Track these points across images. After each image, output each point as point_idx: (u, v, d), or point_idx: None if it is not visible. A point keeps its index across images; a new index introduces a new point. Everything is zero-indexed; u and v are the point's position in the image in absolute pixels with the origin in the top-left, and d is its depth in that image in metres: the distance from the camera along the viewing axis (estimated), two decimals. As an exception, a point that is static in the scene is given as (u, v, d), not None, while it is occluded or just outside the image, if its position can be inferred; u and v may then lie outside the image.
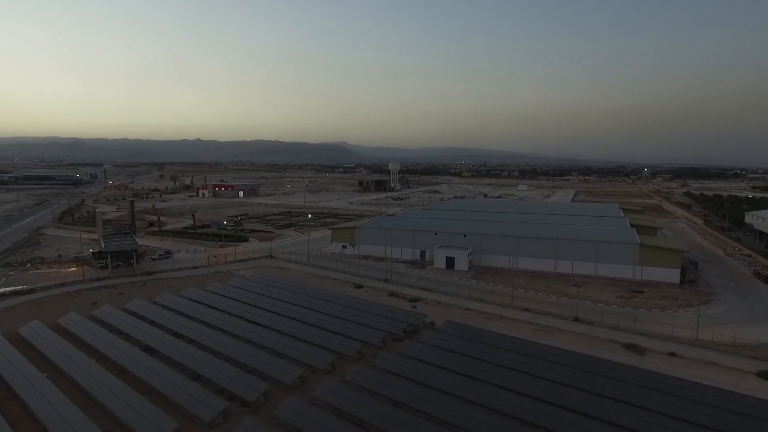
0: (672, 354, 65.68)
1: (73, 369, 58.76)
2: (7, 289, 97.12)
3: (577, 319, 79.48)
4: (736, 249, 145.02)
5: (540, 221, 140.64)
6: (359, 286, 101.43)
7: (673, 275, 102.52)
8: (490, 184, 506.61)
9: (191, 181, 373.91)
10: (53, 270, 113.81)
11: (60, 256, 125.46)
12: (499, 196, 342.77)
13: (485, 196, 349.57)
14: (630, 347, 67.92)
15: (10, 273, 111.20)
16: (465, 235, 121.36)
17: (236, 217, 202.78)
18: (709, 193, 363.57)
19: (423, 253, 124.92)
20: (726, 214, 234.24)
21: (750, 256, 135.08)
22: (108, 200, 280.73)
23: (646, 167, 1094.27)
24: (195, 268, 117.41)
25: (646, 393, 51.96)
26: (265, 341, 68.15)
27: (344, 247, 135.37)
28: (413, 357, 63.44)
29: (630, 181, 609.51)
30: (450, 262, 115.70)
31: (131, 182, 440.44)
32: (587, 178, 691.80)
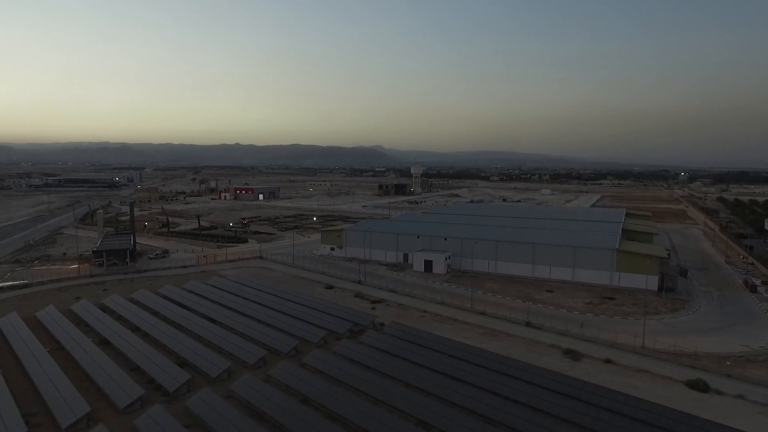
0: (608, 361, 64.76)
1: (26, 357, 63.73)
2: (6, 283, 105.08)
3: (528, 324, 79.12)
4: (741, 257, 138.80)
5: (530, 226, 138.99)
6: (330, 287, 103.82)
7: (651, 282, 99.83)
8: (515, 188, 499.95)
9: (216, 184, 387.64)
10: (56, 267, 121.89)
11: (64, 254, 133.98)
12: (519, 201, 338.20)
13: (504, 200, 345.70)
14: (568, 353, 67.32)
15: (17, 269, 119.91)
16: (446, 239, 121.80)
17: (244, 219, 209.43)
18: (745, 198, 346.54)
19: (406, 256, 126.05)
20: (750, 220, 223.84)
21: (752, 264, 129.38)
22: (133, 202, 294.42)
23: (689, 171, 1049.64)
24: (184, 267, 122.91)
25: (549, 396, 51.94)
26: (211, 336, 71.56)
27: (332, 249, 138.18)
28: (345, 356, 65.31)
29: (666, 186, 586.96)
30: (428, 266, 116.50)
31: (162, 185, 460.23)
32: (621, 182, 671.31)
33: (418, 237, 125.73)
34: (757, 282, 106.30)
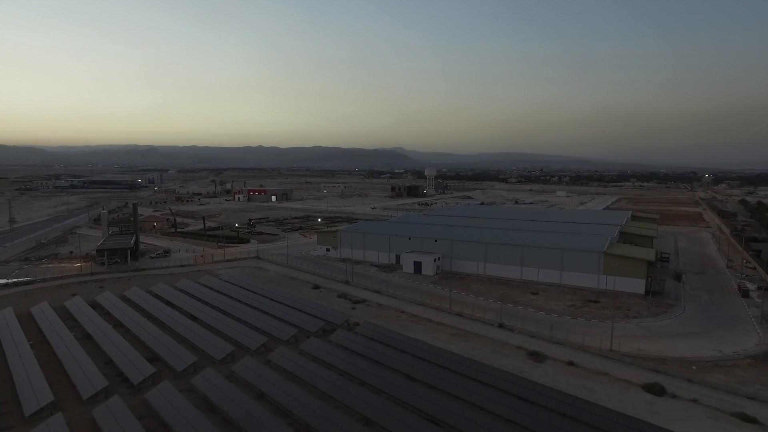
0: (570, 363, 64.65)
1: (10, 349, 67.26)
2: (12, 280, 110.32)
3: (501, 326, 79.32)
4: (744, 261, 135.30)
5: (525, 228, 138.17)
6: (317, 287, 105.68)
7: (637, 286, 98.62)
8: (530, 190, 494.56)
9: (231, 185, 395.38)
10: (62, 265, 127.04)
11: (71, 252, 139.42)
12: (531, 203, 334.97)
13: (516, 202, 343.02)
14: (533, 355, 67.46)
15: (25, 266, 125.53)
16: (436, 240, 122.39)
17: (251, 220, 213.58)
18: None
19: (398, 258, 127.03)
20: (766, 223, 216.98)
21: (754, 268, 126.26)
22: (151, 203, 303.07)
23: (720, 172, 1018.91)
24: (182, 266, 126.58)
25: (497, 396, 52.48)
26: (187, 333, 74.08)
27: (328, 250, 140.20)
28: (310, 354, 66.95)
29: (689, 188, 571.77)
30: (417, 267, 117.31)
31: (180, 187, 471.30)
32: (643, 184, 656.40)
33: (409, 238, 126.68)
34: (752, 287, 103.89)
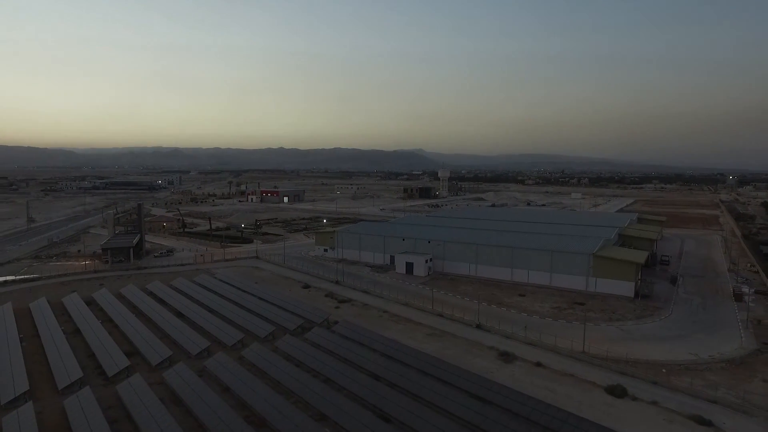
0: (538, 364, 64.82)
1: (1, 342, 70.86)
2: (18, 277, 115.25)
3: (479, 326, 79.74)
4: (750, 265, 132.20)
5: (520, 230, 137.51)
6: (307, 287, 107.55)
7: (626, 288, 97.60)
8: (546, 192, 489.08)
9: (245, 187, 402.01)
10: (68, 263, 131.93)
11: (79, 251, 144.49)
12: (543, 205, 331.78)
13: (528, 204, 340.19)
14: (503, 355, 67.82)
15: (34, 264, 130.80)
16: (429, 242, 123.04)
17: (258, 221, 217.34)
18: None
19: (392, 258, 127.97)
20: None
21: (758, 272, 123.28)
22: (166, 204, 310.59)
23: (750, 174, 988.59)
24: (182, 265, 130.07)
25: (453, 394, 53.19)
26: (170, 329, 76.63)
27: (325, 250, 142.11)
28: (283, 351, 68.75)
29: (712, 190, 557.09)
30: (409, 268, 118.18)
31: (198, 188, 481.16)
32: (665, 186, 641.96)
33: (403, 239, 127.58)
34: (748, 290, 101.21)
